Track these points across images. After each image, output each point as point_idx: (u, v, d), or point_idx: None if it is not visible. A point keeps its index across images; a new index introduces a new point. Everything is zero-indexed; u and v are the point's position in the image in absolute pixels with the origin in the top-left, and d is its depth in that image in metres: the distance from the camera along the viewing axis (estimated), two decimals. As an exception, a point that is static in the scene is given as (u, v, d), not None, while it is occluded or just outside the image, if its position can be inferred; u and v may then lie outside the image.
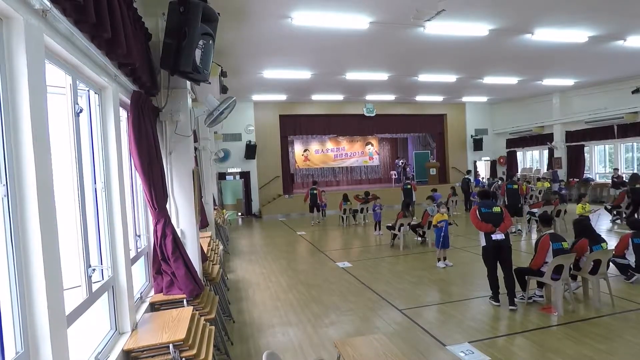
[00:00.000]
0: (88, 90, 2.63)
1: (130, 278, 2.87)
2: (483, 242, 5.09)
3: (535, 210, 9.60)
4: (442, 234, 7.10)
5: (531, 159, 19.26)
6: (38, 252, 1.61)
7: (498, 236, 4.97)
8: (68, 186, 2.30)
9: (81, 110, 2.41)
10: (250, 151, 16.09)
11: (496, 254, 5.02)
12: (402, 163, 20.60)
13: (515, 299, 4.90)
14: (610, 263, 5.73)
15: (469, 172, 17.06)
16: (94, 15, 2.04)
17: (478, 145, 19.04)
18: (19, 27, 1.59)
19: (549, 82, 13.93)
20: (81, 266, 2.31)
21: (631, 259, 5.71)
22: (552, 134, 16.74)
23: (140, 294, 3.44)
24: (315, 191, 13.38)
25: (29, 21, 1.63)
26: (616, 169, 13.69)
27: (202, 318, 3.24)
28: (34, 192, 1.61)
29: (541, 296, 5.10)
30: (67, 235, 2.21)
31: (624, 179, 12.83)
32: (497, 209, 5.14)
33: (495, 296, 5.05)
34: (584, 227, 5.34)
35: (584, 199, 9.15)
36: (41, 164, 1.65)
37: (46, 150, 1.73)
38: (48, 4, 1.69)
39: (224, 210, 12.80)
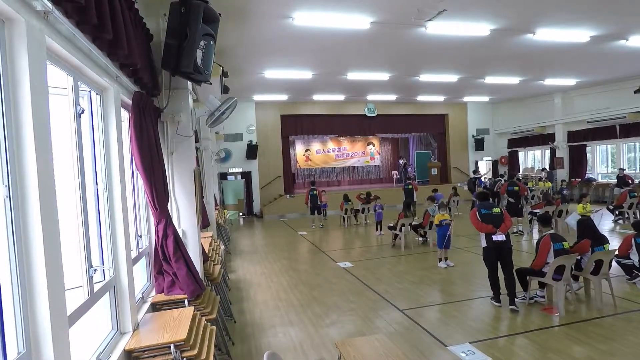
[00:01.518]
0: (89, 91, 2.64)
1: (131, 278, 2.88)
2: (484, 243, 5.07)
3: (537, 210, 9.58)
4: (444, 233, 7.10)
5: (533, 159, 19.23)
6: (40, 252, 1.62)
7: (499, 237, 4.94)
8: (70, 187, 2.31)
9: (83, 111, 2.41)
10: (252, 151, 16.10)
11: (497, 255, 5.01)
12: (403, 162, 20.57)
13: (516, 299, 4.89)
14: (615, 263, 5.73)
15: (475, 172, 17.00)
16: (95, 16, 2.04)
17: (479, 145, 19.01)
18: (21, 28, 1.60)
19: (550, 82, 13.90)
20: (83, 266, 2.32)
21: (635, 258, 5.69)
22: (554, 134, 16.70)
23: (142, 294, 3.44)
24: (315, 192, 12.74)
25: (31, 23, 1.64)
26: (622, 169, 13.61)
27: (203, 318, 3.24)
28: (35, 193, 1.61)
29: (542, 296, 5.09)
30: (69, 235, 2.22)
31: (633, 179, 12.75)
32: (496, 210, 5.13)
33: (496, 296, 5.05)
34: (587, 228, 5.32)
35: (585, 199, 9.11)
36: (43, 165, 1.66)
37: (48, 151, 1.73)
38: (50, 5, 1.69)
39: (225, 210, 12.82)
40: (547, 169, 16.69)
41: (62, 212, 1.85)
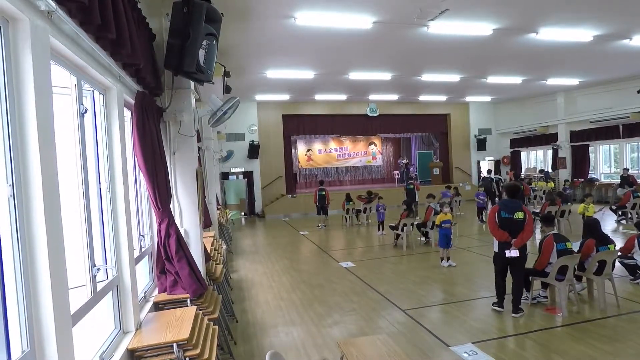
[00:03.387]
0: (93, 91, 2.64)
1: (134, 277, 2.88)
2: (495, 248, 4.77)
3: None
4: (446, 233, 7.11)
5: (535, 159, 19.18)
6: (44, 251, 1.62)
7: (512, 253, 4.54)
8: (73, 186, 2.31)
9: (86, 111, 2.42)
10: (254, 151, 16.12)
11: (507, 262, 4.73)
12: (405, 162, 20.54)
13: (521, 304, 4.74)
14: (618, 264, 5.69)
15: (489, 171, 16.89)
16: (99, 16, 2.05)
17: (482, 145, 18.97)
18: (25, 28, 1.60)
19: (553, 81, 13.85)
20: (86, 266, 2.33)
21: (639, 258, 5.66)
22: (556, 133, 16.65)
23: (144, 293, 3.45)
24: (324, 192, 12.78)
25: (35, 22, 1.64)
26: (626, 169, 13.56)
27: (206, 317, 3.24)
28: (39, 192, 1.62)
29: (545, 297, 5.07)
30: (72, 235, 2.23)
31: (636, 180, 12.66)
32: (519, 215, 4.57)
33: (499, 302, 4.82)
34: (591, 228, 5.27)
35: (588, 199, 9.01)
36: (47, 165, 1.66)
37: (52, 150, 1.74)
38: (54, 5, 1.70)
39: (227, 210, 12.83)
40: (545, 170, 16.65)
41: (66, 212, 1.85)
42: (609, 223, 10.56)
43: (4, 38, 1.58)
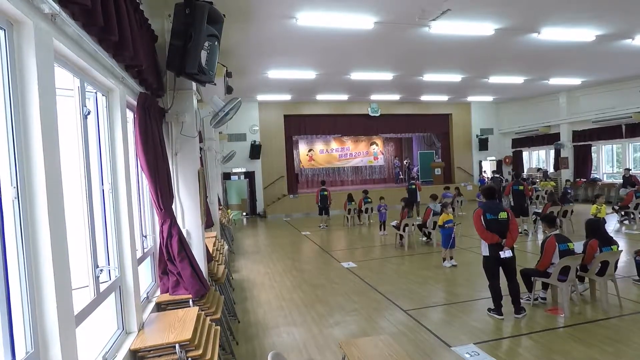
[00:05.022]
0: (95, 93, 2.65)
1: (136, 278, 2.89)
2: (485, 252, 4.67)
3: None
4: (449, 234, 7.11)
5: (537, 159, 19.13)
6: (47, 253, 1.63)
7: (507, 254, 4.52)
8: (76, 187, 2.33)
9: (89, 113, 2.43)
10: (255, 151, 16.14)
11: (499, 264, 4.68)
12: (406, 162, 20.55)
13: (521, 302, 4.75)
14: (621, 265, 5.63)
15: (494, 171, 16.86)
16: (101, 18, 2.06)
17: (483, 145, 18.95)
18: (29, 31, 1.61)
19: (555, 81, 13.82)
20: (89, 266, 2.34)
21: None
22: (558, 133, 16.61)
23: (147, 294, 3.47)
24: (325, 192, 12.85)
25: (39, 25, 1.65)
26: (628, 169, 13.50)
27: (208, 318, 3.25)
28: (43, 194, 1.63)
29: (544, 298, 5.04)
30: (75, 236, 2.24)
31: (639, 180, 12.61)
32: (503, 215, 4.62)
33: (497, 309, 4.63)
34: (594, 228, 5.23)
35: (600, 199, 8.92)
36: (50, 166, 1.68)
37: (55, 152, 1.75)
38: (57, 8, 1.71)
39: (229, 210, 12.86)
40: (543, 169, 16.60)
41: (69, 213, 1.87)
42: (611, 224, 10.52)
43: (9, 41, 1.59)
